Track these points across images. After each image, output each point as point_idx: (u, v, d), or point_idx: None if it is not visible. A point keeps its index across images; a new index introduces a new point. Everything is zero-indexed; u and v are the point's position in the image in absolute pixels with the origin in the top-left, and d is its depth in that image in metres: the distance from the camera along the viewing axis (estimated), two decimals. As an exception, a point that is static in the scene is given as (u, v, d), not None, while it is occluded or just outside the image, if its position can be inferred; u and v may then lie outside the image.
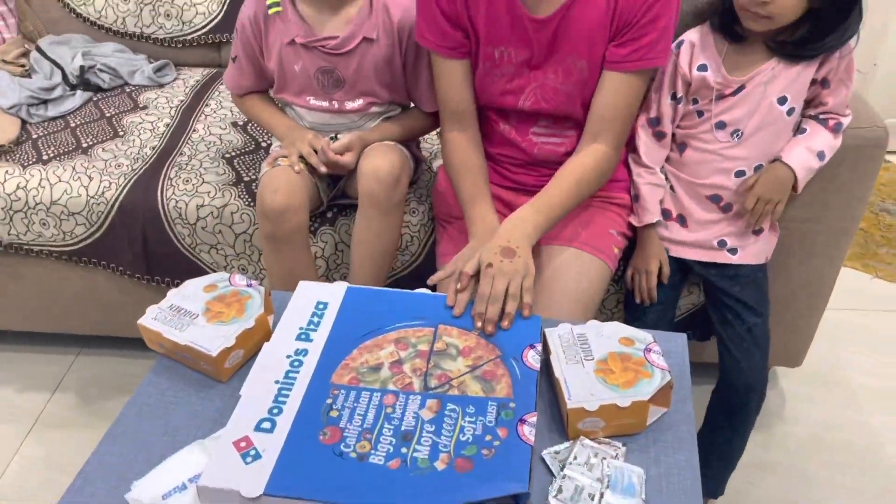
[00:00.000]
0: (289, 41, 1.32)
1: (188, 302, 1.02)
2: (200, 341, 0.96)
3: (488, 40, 1.20)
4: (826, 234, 1.40)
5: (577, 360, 0.93)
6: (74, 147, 1.60)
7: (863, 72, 2.40)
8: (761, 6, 1.10)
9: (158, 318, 0.99)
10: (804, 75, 1.18)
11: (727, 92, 1.20)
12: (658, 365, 0.91)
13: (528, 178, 1.33)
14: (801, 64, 1.17)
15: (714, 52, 1.20)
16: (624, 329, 0.98)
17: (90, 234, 1.51)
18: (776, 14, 1.11)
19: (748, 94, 1.19)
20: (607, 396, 0.87)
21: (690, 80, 1.22)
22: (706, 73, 1.20)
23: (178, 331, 0.97)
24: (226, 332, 0.97)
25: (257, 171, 1.54)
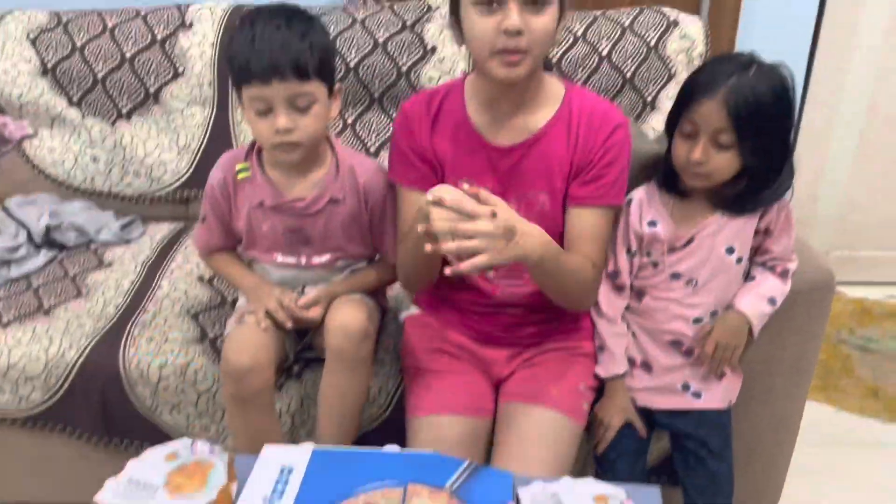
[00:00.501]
0: (257, 203, 1.36)
1: (148, 474, 0.98)
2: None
3: (452, 172, 1.27)
4: (786, 374, 1.42)
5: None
6: (36, 308, 1.58)
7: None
8: (697, 166, 1.18)
9: (116, 493, 0.96)
10: (748, 226, 1.25)
11: (678, 244, 1.26)
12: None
13: (493, 329, 1.35)
14: (743, 217, 1.24)
15: (661, 208, 1.28)
16: (597, 486, 0.97)
17: (47, 398, 1.47)
18: (712, 172, 1.19)
19: (698, 245, 1.25)
20: None
21: (643, 235, 1.28)
22: (656, 229, 1.27)
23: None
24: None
25: (223, 326, 1.54)
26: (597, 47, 1.86)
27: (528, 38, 1.10)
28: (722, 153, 1.17)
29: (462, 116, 1.26)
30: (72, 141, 1.94)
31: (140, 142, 1.93)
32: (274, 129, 1.25)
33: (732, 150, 1.17)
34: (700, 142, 1.17)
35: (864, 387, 2.15)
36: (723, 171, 1.19)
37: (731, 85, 1.14)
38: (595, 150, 1.21)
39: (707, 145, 1.17)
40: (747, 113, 1.13)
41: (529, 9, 1.10)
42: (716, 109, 1.14)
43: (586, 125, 1.22)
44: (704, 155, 1.17)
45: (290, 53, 1.21)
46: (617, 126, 1.22)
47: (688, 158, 1.19)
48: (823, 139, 2.48)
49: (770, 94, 1.14)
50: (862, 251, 2.65)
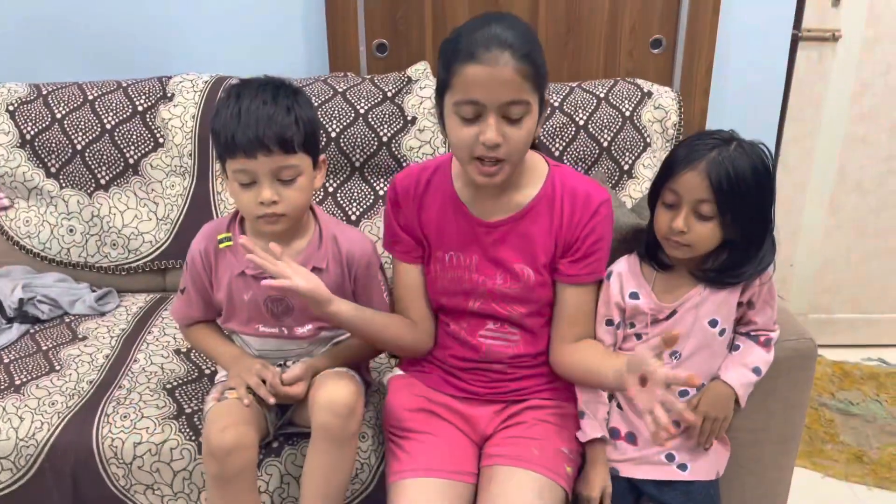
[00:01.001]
0: (239, 273, 1.34)
1: None
2: None
3: (439, 245, 1.31)
4: (773, 442, 1.42)
5: None
6: (7, 385, 1.54)
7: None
8: (680, 235, 1.19)
9: None
10: (730, 299, 1.26)
11: (661, 316, 1.27)
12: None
13: (478, 387, 1.35)
14: (725, 290, 1.25)
15: (643, 280, 1.29)
16: None
17: (16, 479, 1.41)
18: (694, 242, 1.21)
19: (681, 318, 1.26)
20: None
21: (625, 307, 1.28)
22: (638, 301, 1.27)
23: None
24: None
25: (200, 401, 1.50)
26: (574, 117, 1.90)
27: (506, 149, 1.16)
28: (703, 224, 1.19)
29: (449, 191, 1.30)
30: (48, 212, 1.92)
31: (118, 212, 1.92)
32: (258, 201, 1.25)
33: (713, 221, 1.19)
34: (682, 211, 1.19)
35: (848, 452, 2.14)
36: (704, 242, 1.21)
37: (713, 158, 1.17)
38: (580, 229, 1.25)
39: (689, 215, 1.19)
40: (728, 185, 1.16)
41: (508, 121, 1.14)
42: (698, 180, 1.17)
43: (570, 204, 1.26)
44: (686, 224, 1.19)
45: (275, 128, 1.22)
46: (600, 204, 1.26)
47: (670, 227, 1.20)
48: (796, 204, 2.53)
49: (750, 168, 1.17)
50: (838, 314, 2.68)
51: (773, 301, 1.28)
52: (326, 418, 1.25)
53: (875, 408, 2.32)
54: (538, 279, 1.28)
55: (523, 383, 1.35)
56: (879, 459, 2.11)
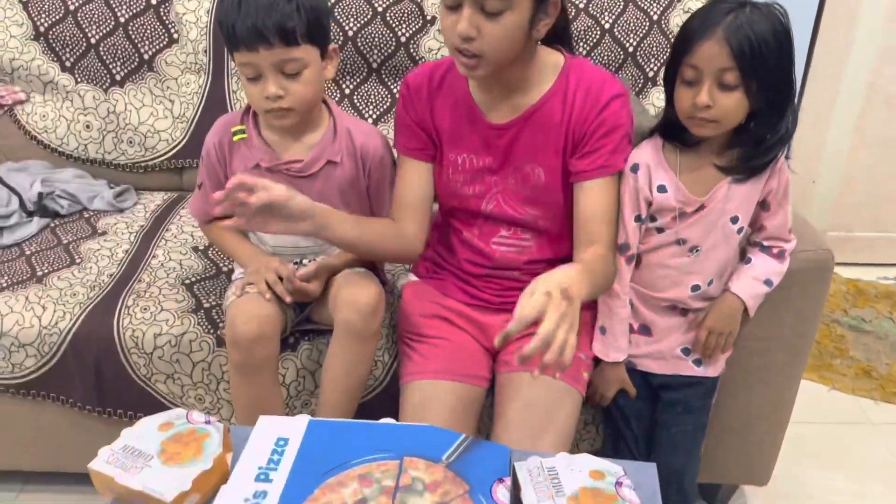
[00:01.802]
0: (253, 166, 1.34)
1: (142, 442, 0.98)
2: (155, 486, 0.91)
3: (451, 147, 1.28)
4: (783, 351, 1.42)
5: (548, 495, 0.91)
6: (29, 276, 1.57)
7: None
8: (705, 111, 1.14)
9: (111, 460, 0.95)
10: (752, 195, 1.23)
11: (689, 210, 1.24)
12: (629, 499, 0.90)
13: (491, 296, 1.35)
14: (749, 182, 1.21)
15: (669, 171, 1.24)
16: (594, 461, 0.97)
17: (41, 366, 1.46)
18: (721, 117, 1.15)
19: (708, 213, 1.23)
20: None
21: (651, 201, 1.25)
22: (667, 194, 1.24)
23: (131, 475, 0.93)
24: (182, 476, 0.93)
25: (218, 297, 1.53)
26: (599, 20, 1.84)
27: (481, 44, 1.11)
28: (728, 94, 1.13)
29: (463, 92, 1.27)
30: (64, 107, 1.91)
31: (134, 109, 1.90)
32: (263, 96, 1.23)
33: (738, 90, 1.13)
34: (704, 85, 1.13)
35: (857, 367, 2.16)
36: (732, 115, 1.15)
37: (730, 23, 1.10)
38: (589, 122, 1.20)
39: (712, 87, 1.13)
40: (750, 49, 1.10)
41: (483, 15, 1.09)
42: (717, 48, 1.11)
43: (582, 97, 1.21)
44: (711, 97, 1.13)
45: (275, 17, 1.17)
46: (613, 97, 1.20)
47: (693, 104, 1.14)
48: (823, 119, 2.47)
49: (769, 28, 1.11)
50: (858, 232, 2.65)
51: (787, 203, 1.25)
52: (350, 316, 1.26)
53: (888, 325, 2.33)
54: (549, 179, 1.26)
55: None
56: (888, 375, 2.12)
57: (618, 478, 0.93)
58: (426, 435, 1.02)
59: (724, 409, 1.47)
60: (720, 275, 1.28)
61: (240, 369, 1.28)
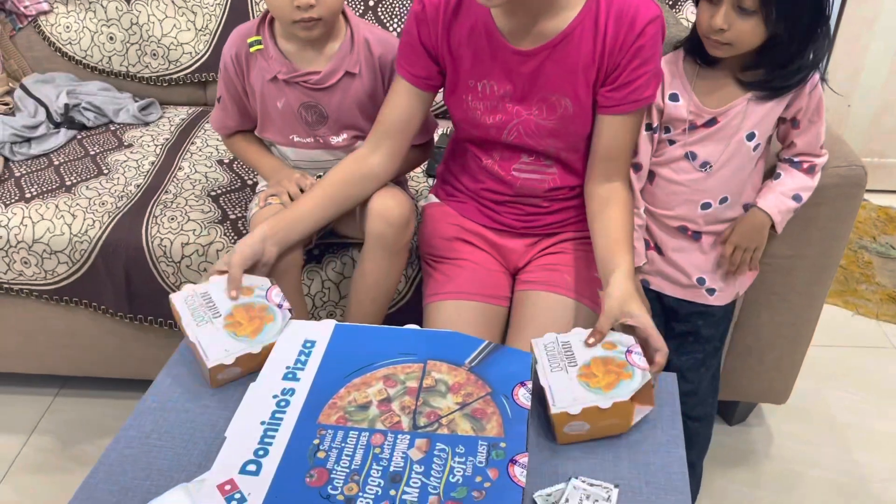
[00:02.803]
0: (271, 78, 1.33)
1: (221, 296, 1.06)
2: (205, 344, 0.99)
3: (472, 73, 1.22)
4: (808, 270, 1.41)
5: (562, 367, 0.94)
6: (58, 185, 1.59)
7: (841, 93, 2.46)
8: (719, 33, 1.12)
9: (188, 301, 1.04)
10: (773, 113, 1.19)
11: (699, 122, 1.21)
12: (638, 365, 0.95)
13: (512, 220, 1.34)
14: (772, 101, 1.19)
15: (685, 81, 1.21)
16: (608, 335, 1.00)
17: (72, 272, 1.49)
18: (735, 41, 1.12)
19: (721, 128, 1.20)
20: (589, 399, 0.90)
21: (663, 109, 1.23)
22: (678, 103, 1.21)
23: (194, 322, 1.01)
24: (230, 348, 0.99)
25: (243, 208, 1.54)
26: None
27: None
28: (745, 19, 1.09)
29: (484, 15, 1.19)
30: (88, 18, 1.90)
31: (157, 21, 1.88)
32: (294, 5, 1.20)
33: (756, 16, 1.09)
34: (722, 6, 1.10)
35: (882, 293, 2.14)
36: (746, 40, 1.12)
37: None
38: (624, 53, 1.14)
39: (729, 10, 1.09)
40: None
41: None
42: None
43: (615, 24, 1.14)
44: (726, 21, 1.10)
45: None
46: (648, 23, 1.13)
47: (709, 24, 1.12)
48: (861, 40, 2.38)
49: None
50: (891, 158, 2.59)
51: (819, 121, 1.21)
52: (381, 227, 1.27)
53: (916, 253, 2.30)
54: (577, 111, 1.20)
55: (559, 216, 1.33)
56: (913, 301, 2.11)
57: (628, 347, 0.98)
58: (450, 340, 1.04)
59: (744, 327, 1.47)
60: (736, 194, 1.26)
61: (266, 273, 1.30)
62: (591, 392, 0.92)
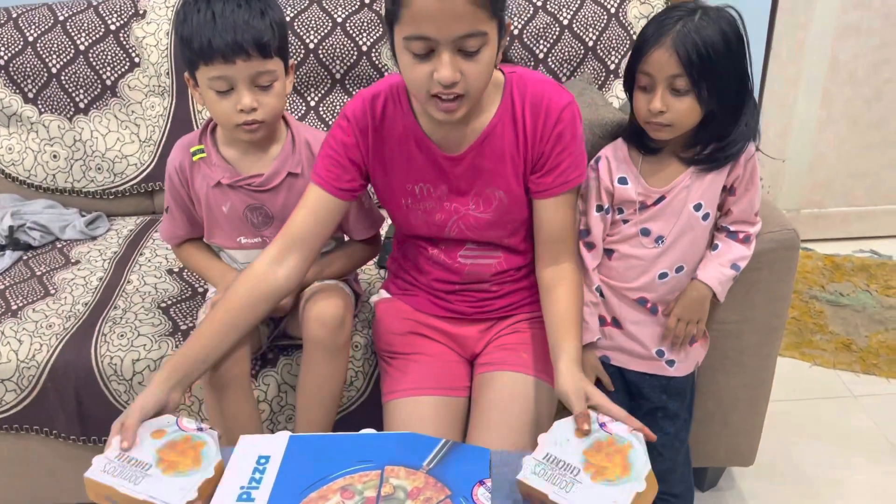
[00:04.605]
0: (215, 184, 1.35)
1: (137, 451, 0.98)
2: (160, 495, 0.92)
3: (407, 177, 1.24)
4: (756, 333, 1.44)
5: (571, 481, 0.92)
6: (4, 310, 1.56)
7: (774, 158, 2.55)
8: (659, 116, 1.18)
9: (108, 469, 0.95)
10: (716, 182, 1.25)
11: (649, 202, 1.26)
12: (623, 432, 0.98)
13: (464, 307, 1.35)
14: (712, 173, 1.24)
15: (631, 165, 1.27)
16: (568, 423, 1.00)
17: (20, 399, 1.45)
18: (674, 121, 1.19)
19: (669, 203, 1.25)
20: (625, 492, 0.90)
21: (613, 192, 1.27)
22: (626, 186, 1.26)
23: (132, 484, 0.93)
24: (186, 485, 0.94)
25: (195, 318, 1.53)
26: (557, 17, 1.85)
27: (465, 85, 1.06)
28: (680, 100, 1.17)
29: (410, 123, 1.21)
30: (30, 139, 1.91)
31: (100, 136, 1.90)
32: (237, 109, 1.24)
33: (690, 95, 1.16)
34: (658, 91, 1.17)
35: (836, 341, 2.18)
36: (685, 119, 1.19)
37: (679, 31, 1.14)
38: (545, 141, 1.19)
39: (665, 93, 1.16)
40: (697, 55, 1.13)
41: (463, 55, 1.04)
42: (666, 56, 1.14)
43: (531, 115, 1.18)
44: (664, 104, 1.17)
45: (253, 32, 1.20)
46: (562, 109, 1.18)
47: (648, 110, 1.18)
48: (788, 98, 2.49)
49: (718, 34, 1.14)
50: (831, 208, 2.69)
51: (753, 188, 1.27)
52: (317, 331, 1.27)
53: (865, 298, 2.36)
54: (511, 199, 1.23)
55: (511, 298, 1.34)
56: (868, 347, 2.15)
57: (598, 422, 1.00)
58: (406, 442, 1.03)
59: (703, 394, 1.49)
60: (691, 262, 1.30)
61: (212, 386, 1.29)
62: (618, 485, 0.91)
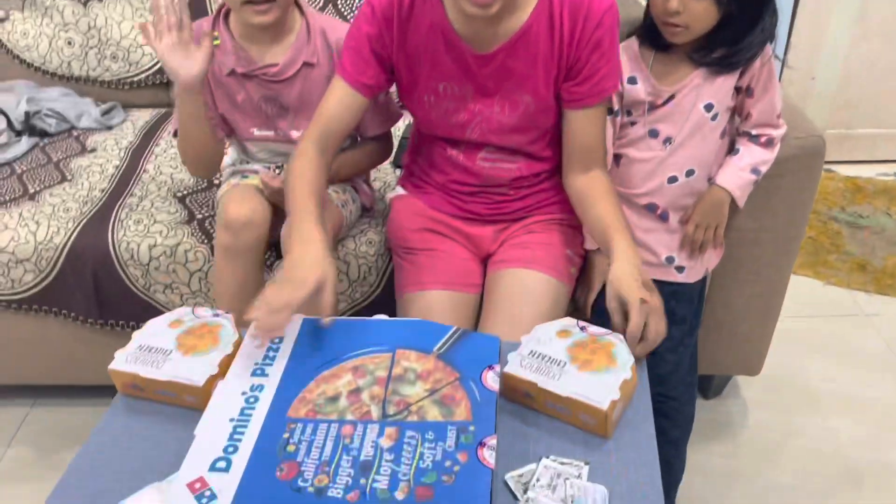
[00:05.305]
0: (228, 72, 1.33)
1: (156, 340, 1.01)
2: (183, 374, 0.94)
3: (431, 75, 1.20)
4: (774, 242, 1.43)
5: (559, 372, 0.93)
6: (21, 193, 1.57)
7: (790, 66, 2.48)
8: (674, 16, 1.13)
9: (129, 360, 0.97)
10: (727, 83, 1.21)
11: (658, 102, 1.23)
12: (602, 332, 0.99)
13: (480, 208, 1.34)
14: (724, 74, 1.20)
15: (641, 65, 1.23)
16: (550, 326, 1.01)
17: (39, 280, 1.48)
18: (690, 23, 1.14)
19: (678, 103, 1.22)
20: (612, 380, 0.91)
21: (622, 93, 1.24)
22: (636, 86, 1.23)
23: (154, 368, 0.95)
24: (207, 362, 0.96)
25: (210, 208, 1.53)
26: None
27: None
28: (698, 1, 1.12)
29: (439, 18, 1.16)
30: (44, 24, 1.87)
31: (115, 23, 1.86)
32: None
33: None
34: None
35: (852, 261, 2.17)
36: (700, 22, 1.14)
37: None
38: (583, 46, 1.14)
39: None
40: None
41: None
42: None
43: (570, 18, 1.13)
44: (680, 3, 1.12)
45: None
46: (604, 13, 1.13)
47: (664, 8, 1.13)
48: (823, 13, 2.40)
49: None
50: (857, 129, 2.62)
51: (773, 89, 1.23)
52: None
53: (885, 220, 2.33)
54: (539, 106, 1.20)
55: (527, 201, 1.34)
56: (883, 268, 2.14)
57: (578, 325, 1.01)
58: (418, 329, 1.04)
59: (714, 301, 1.49)
60: (702, 166, 1.27)
61: (226, 251, 1.31)
62: (605, 374, 0.92)
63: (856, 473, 1.58)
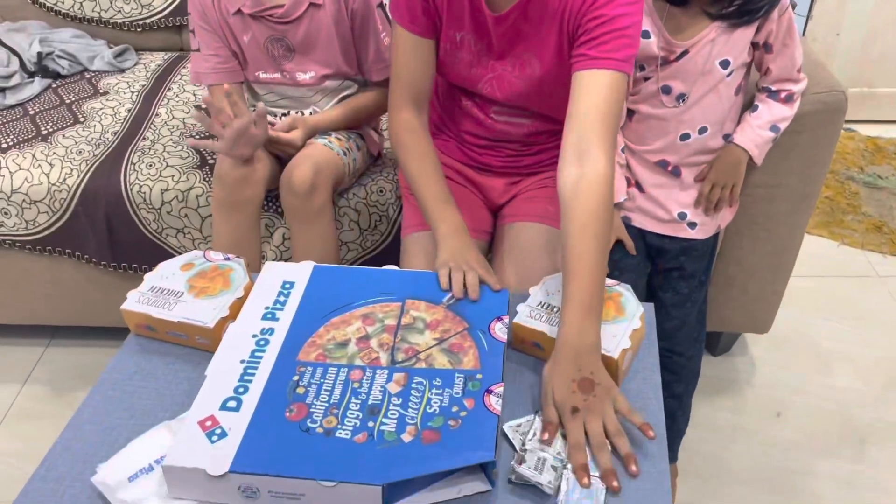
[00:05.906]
0: (235, 11, 1.31)
1: (168, 282, 1.02)
2: (194, 316, 0.96)
3: (450, 24, 1.19)
4: (789, 199, 1.41)
5: None
6: (34, 135, 1.57)
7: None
8: None
9: (142, 301, 0.99)
10: (744, 38, 1.18)
11: (672, 57, 1.20)
12: (611, 283, 1.00)
13: (492, 160, 1.33)
14: (740, 29, 1.17)
15: (655, 18, 1.20)
16: (559, 277, 0.99)
17: (53, 221, 1.49)
18: None
19: (692, 58, 1.19)
20: (623, 329, 0.92)
21: None
22: (650, 40, 1.20)
23: (166, 310, 0.97)
24: (218, 304, 0.98)
25: (222, 153, 1.53)
26: None
27: None
28: None
29: None
30: (56, -38, 1.85)
31: (127, -37, 1.84)
32: None
33: None
34: None
35: (868, 222, 2.15)
36: None
37: None
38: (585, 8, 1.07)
39: None
40: None
41: None
42: None
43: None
44: None
45: None
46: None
47: None
48: (851, -35, 2.34)
49: None
50: (881, 87, 2.57)
51: (793, 44, 1.19)
52: (287, 199, 1.31)
53: (903, 182, 2.30)
54: (544, 72, 1.16)
55: (540, 157, 1.32)
56: (899, 230, 2.12)
57: None
58: (428, 280, 1.04)
59: (726, 258, 1.48)
60: (715, 123, 1.25)
61: (222, 205, 1.31)
62: (615, 323, 0.93)
63: (860, 432, 1.59)
